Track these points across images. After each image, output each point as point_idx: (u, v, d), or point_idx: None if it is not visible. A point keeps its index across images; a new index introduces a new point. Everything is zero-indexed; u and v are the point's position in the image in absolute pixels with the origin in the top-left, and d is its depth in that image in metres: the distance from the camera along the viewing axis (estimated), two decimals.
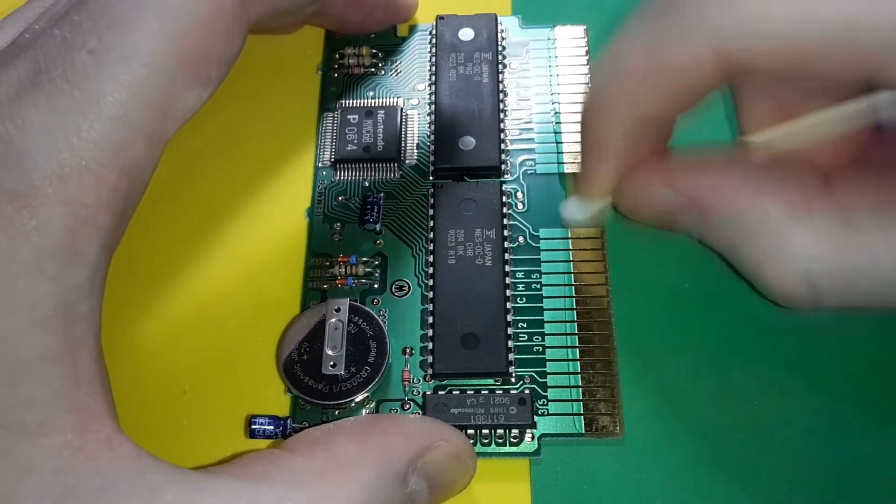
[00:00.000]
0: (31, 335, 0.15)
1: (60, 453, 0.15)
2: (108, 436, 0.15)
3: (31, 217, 0.15)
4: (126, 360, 0.21)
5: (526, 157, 0.24)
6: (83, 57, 0.16)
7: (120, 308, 0.21)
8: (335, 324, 0.21)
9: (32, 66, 0.16)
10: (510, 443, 0.20)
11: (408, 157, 0.24)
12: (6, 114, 0.15)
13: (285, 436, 0.20)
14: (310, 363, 0.20)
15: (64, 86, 0.16)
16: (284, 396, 0.21)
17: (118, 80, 0.16)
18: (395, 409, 0.20)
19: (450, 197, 0.23)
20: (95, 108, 0.16)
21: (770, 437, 0.20)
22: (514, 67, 0.25)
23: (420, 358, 0.21)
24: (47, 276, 0.15)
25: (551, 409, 0.20)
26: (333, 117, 0.24)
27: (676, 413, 0.20)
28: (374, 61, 0.25)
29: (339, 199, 0.23)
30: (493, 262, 0.22)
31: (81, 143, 0.15)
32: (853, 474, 0.19)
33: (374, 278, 0.22)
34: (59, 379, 0.15)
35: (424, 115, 0.24)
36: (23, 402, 0.15)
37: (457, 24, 0.25)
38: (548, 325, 0.21)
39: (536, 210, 0.23)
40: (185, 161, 0.24)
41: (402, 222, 0.23)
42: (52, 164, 0.15)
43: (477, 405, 0.20)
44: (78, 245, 0.15)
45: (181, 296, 0.22)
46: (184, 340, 0.22)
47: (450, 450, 0.18)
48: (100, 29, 0.16)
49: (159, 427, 0.21)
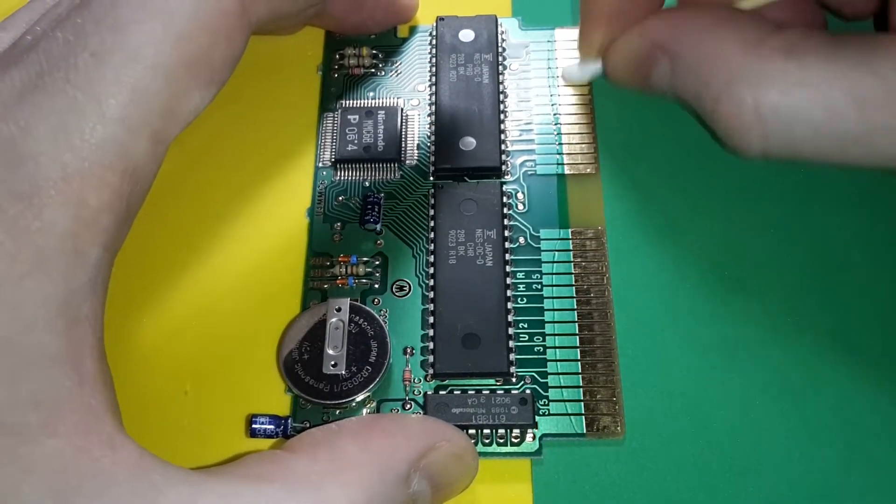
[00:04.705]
0: (34, 336, 0.15)
1: (63, 453, 0.15)
2: (111, 436, 0.15)
3: (35, 218, 0.15)
4: (127, 360, 0.21)
5: (526, 158, 0.24)
6: (86, 59, 0.16)
7: (121, 308, 0.21)
8: (336, 323, 0.21)
9: (35, 68, 0.16)
10: (511, 443, 0.20)
11: (408, 158, 0.24)
12: (9, 115, 0.15)
13: (286, 435, 0.20)
14: (311, 363, 0.20)
15: (66, 88, 0.16)
16: (285, 396, 0.21)
17: (121, 83, 0.16)
18: (396, 408, 0.20)
19: (450, 197, 0.23)
20: (98, 110, 0.16)
21: (771, 438, 0.20)
22: (514, 69, 0.25)
23: (421, 358, 0.21)
24: (50, 277, 0.15)
25: (552, 409, 0.20)
26: (334, 117, 0.24)
27: (678, 413, 0.20)
28: (374, 62, 0.25)
29: (339, 199, 0.23)
30: (494, 262, 0.22)
31: (84, 144, 0.15)
32: (854, 474, 0.19)
33: (374, 278, 0.22)
34: (62, 379, 0.15)
35: (425, 115, 0.24)
36: (26, 402, 0.15)
37: (457, 25, 0.25)
38: (549, 325, 0.21)
39: (537, 210, 0.23)
40: (185, 161, 0.24)
41: (402, 222, 0.23)
42: (55, 165, 0.15)
43: (478, 405, 0.20)
44: (81, 246, 0.15)
45: (182, 296, 0.22)
46: (185, 340, 0.22)
47: (452, 450, 0.18)
48: (102, 31, 0.16)
49: (161, 427, 0.21)
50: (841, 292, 0.22)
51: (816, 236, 0.22)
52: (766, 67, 0.18)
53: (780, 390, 0.20)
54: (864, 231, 0.22)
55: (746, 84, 0.19)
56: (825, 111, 0.18)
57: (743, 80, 0.19)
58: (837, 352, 0.21)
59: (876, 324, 0.21)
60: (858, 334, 0.21)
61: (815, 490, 0.19)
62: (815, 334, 0.21)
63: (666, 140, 0.24)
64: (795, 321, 0.21)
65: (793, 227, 0.22)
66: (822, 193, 0.23)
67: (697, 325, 0.21)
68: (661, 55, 0.20)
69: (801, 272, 0.22)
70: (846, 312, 0.21)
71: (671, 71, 0.20)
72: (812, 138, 0.18)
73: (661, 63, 0.20)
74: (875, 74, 0.18)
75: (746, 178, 0.23)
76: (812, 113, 0.18)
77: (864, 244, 0.22)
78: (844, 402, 0.20)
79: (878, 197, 0.23)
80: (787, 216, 0.23)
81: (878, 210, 0.23)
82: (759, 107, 0.18)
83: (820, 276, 0.22)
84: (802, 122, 0.18)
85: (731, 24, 0.19)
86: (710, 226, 0.23)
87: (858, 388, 0.20)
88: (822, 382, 0.21)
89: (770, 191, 0.23)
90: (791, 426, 0.20)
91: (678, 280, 0.22)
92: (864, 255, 0.22)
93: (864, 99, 0.18)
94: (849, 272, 0.22)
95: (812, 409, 0.20)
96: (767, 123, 0.19)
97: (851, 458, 0.20)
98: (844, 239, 0.22)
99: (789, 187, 0.23)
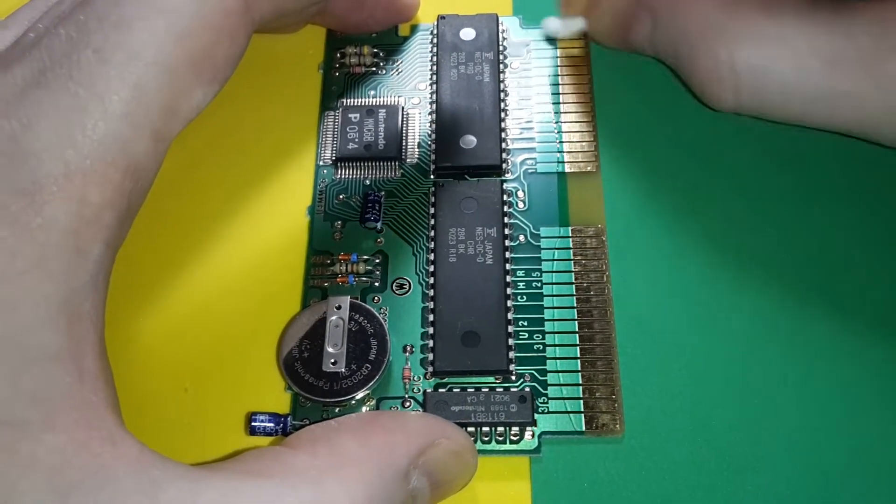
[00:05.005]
0: (34, 332, 0.15)
1: (63, 450, 0.15)
2: (111, 432, 0.15)
3: (36, 215, 0.15)
4: (127, 357, 0.21)
5: (527, 157, 0.24)
6: (88, 56, 0.16)
7: (121, 305, 0.21)
8: (336, 321, 0.21)
9: (37, 64, 0.16)
10: (510, 441, 0.20)
11: (409, 156, 0.24)
12: (11, 112, 0.15)
13: (285, 433, 0.20)
14: (310, 360, 0.20)
15: (69, 84, 0.16)
16: (285, 394, 0.21)
17: (123, 80, 0.16)
18: (396, 406, 0.21)
19: (451, 195, 0.23)
20: (101, 107, 0.16)
21: (770, 436, 0.20)
22: (514, 67, 0.25)
23: (421, 356, 0.21)
24: (52, 274, 0.15)
25: (552, 406, 0.20)
26: (335, 116, 0.24)
27: (677, 411, 0.20)
28: (375, 60, 0.25)
29: (340, 197, 0.23)
30: (494, 260, 0.22)
31: (87, 141, 0.15)
32: (854, 474, 0.20)
33: (374, 276, 0.22)
34: (63, 376, 0.15)
35: (425, 113, 0.24)
36: (26, 399, 0.15)
37: (458, 23, 0.25)
38: (548, 323, 0.21)
39: (537, 209, 0.23)
40: (185, 159, 0.24)
41: (403, 220, 0.23)
42: (57, 162, 0.15)
43: (477, 403, 0.20)
44: (82, 243, 0.16)
45: (182, 293, 0.22)
46: (185, 338, 0.22)
47: (452, 447, 0.18)
48: (105, 28, 0.16)
49: (160, 424, 0.21)
50: (841, 291, 0.22)
51: (816, 236, 0.22)
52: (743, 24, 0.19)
53: (779, 388, 0.20)
54: (864, 231, 0.22)
55: (723, 40, 0.19)
56: (796, 69, 0.19)
57: (720, 36, 0.19)
58: (837, 350, 0.21)
59: (876, 323, 0.21)
60: (858, 333, 0.21)
61: (813, 488, 0.19)
62: (815, 333, 0.21)
63: (666, 138, 0.24)
64: (795, 320, 0.21)
65: (793, 227, 0.22)
66: (822, 193, 0.23)
67: (697, 323, 0.21)
68: (644, 13, 0.21)
69: (800, 271, 0.22)
70: (846, 311, 0.21)
71: (652, 28, 0.20)
72: (781, 94, 0.19)
73: (644, 21, 0.20)
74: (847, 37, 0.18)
75: (746, 177, 0.23)
76: (783, 69, 0.19)
77: (864, 244, 0.22)
78: (844, 400, 0.20)
79: (878, 197, 0.23)
80: (787, 215, 0.23)
81: (878, 210, 0.23)
82: (734, 61, 0.19)
83: (820, 275, 0.22)
84: (773, 78, 0.19)
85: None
86: (710, 224, 0.23)
87: (858, 387, 0.20)
88: (821, 381, 0.21)
89: (770, 190, 0.23)
90: (790, 424, 0.20)
91: (678, 278, 0.22)
92: (864, 255, 0.22)
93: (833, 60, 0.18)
94: (849, 272, 0.22)
95: (811, 407, 0.20)
96: (740, 77, 0.19)
97: (851, 457, 0.20)
98: (844, 239, 0.22)
99: (789, 187, 0.23)
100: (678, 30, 0.20)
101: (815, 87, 0.19)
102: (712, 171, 0.23)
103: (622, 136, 0.24)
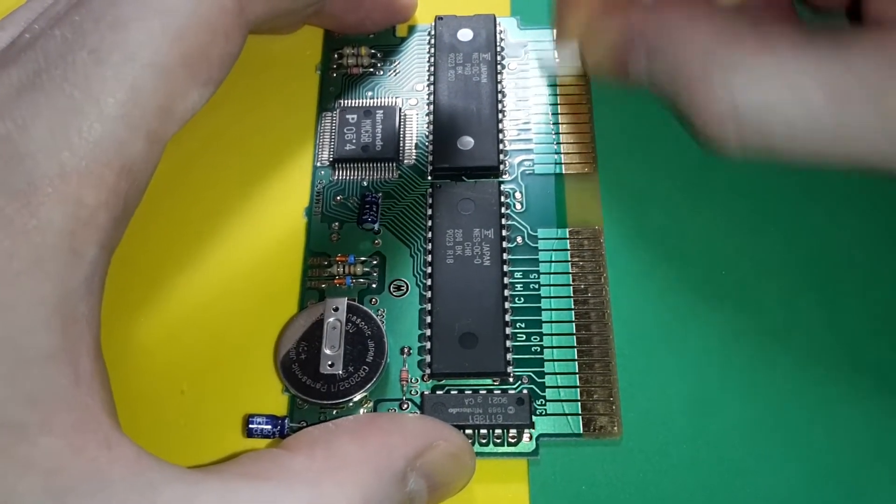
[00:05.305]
0: (30, 334, 0.15)
1: (60, 452, 0.15)
2: (107, 435, 0.15)
3: (32, 216, 0.15)
4: (124, 359, 0.21)
5: (524, 158, 0.24)
6: (84, 57, 0.16)
7: (117, 307, 0.21)
8: (333, 323, 0.21)
9: (33, 66, 0.16)
10: (508, 443, 0.20)
11: (406, 157, 0.24)
12: (7, 113, 0.15)
13: (283, 435, 0.20)
14: (308, 362, 0.20)
15: (64, 86, 0.16)
16: (282, 396, 0.21)
17: (119, 81, 0.16)
18: (393, 408, 0.20)
19: (448, 197, 0.23)
20: (96, 108, 0.16)
21: (768, 439, 0.20)
22: (512, 68, 0.25)
23: (418, 357, 0.21)
24: (47, 275, 0.15)
25: (549, 409, 0.20)
26: (332, 117, 0.24)
27: (674, 413, 0.20)
28: (372, 61, 0.25)
29: (337, 198, 0.23)
30: (492, 261, 0.22)
31: (82, 142, 0.15)
32: (854, 475, 0.19)
33: (372, 278, 0.22)
34: (59, 378, 0.15)
35: (423, 115, 0.24)
36: (22, 401, 0.15)
37: (456, 24, 0.25)
38: (546, 325, 0.21)
39: (535, 210, 0.23)
40: (182, 160, 0.24)
41: (400, 222, 0.23)
42: (52, 163, 0.15)
43: (475, 405, 0.20)
44: (77, 245, 0.15)
45: (179, 295, 0.22)
46: (182, 340, 0.22)
47: (449, 449, 0.18)
48: (101, 29, 0.16)
49: (157, 427, 0.21)
50: (840, 292, 0.22)
51: (816, 236, 0.22)
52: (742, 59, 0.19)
53: (777, 391, 0.20)
54: (864, 231, 0.22)
55: (721, 75, 0.19)
56: (799, 104, 0.18)
57: (718, 71, 0.19)
58: (836, 352, 0.21)
59: (876, 325, 0.21)
60: (858, 335, 0.21)
61: (812, 491, 0.19)
62: (814, 335, 0.21)
63: (664, 140, 0.24)
64: (794, 322, 0.21)
65: (792, 227, 0.22)
66: (822, 193, 0.23)
67: (695, 325, 0.21)
68: (640, 46, 0.20)
69: (799, 272, 0.22)
70: (845, 313, 0.21)
71: (648, 62, 0.20)
72: (786, 131, 0.18)
73: (639, 54, 0.20)
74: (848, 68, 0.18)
75: (745, 177, 0.23)
76: (786, 105, 0.18)
77: (864, 244, 0.22)
78: (843, 403, 0.20)
79: (879, 197, 0.23)
80: (786, 216, 0.23)
81: (879, 210, 0.23)
82: (734, 98, 0.18)
83: (819, 277, 0.22)
84: (777, 114, 0.18)
85: (708, 18, 0.20)
86: (708, 226, 0.23)
87: (857, 390, 0.20)
88: (820, 383, 0.21)
89: (769, 191, 0.23)
90: (788, 427, 0.20)
91: (675, 280, 0.22)
92: (864, 255, 0.22)
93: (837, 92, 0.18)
94: (849, 272, 0.22)
95: (810, 409, 0.20)
96: (742, 115, 0.18)
97: (849, 460, 0.20)
98: (844, 239, 0.22)
99: (789, 187, 0.23)
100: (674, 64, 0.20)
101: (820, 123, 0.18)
102: (710, 173, 0.23)
103: (620, 137, 0.24)
